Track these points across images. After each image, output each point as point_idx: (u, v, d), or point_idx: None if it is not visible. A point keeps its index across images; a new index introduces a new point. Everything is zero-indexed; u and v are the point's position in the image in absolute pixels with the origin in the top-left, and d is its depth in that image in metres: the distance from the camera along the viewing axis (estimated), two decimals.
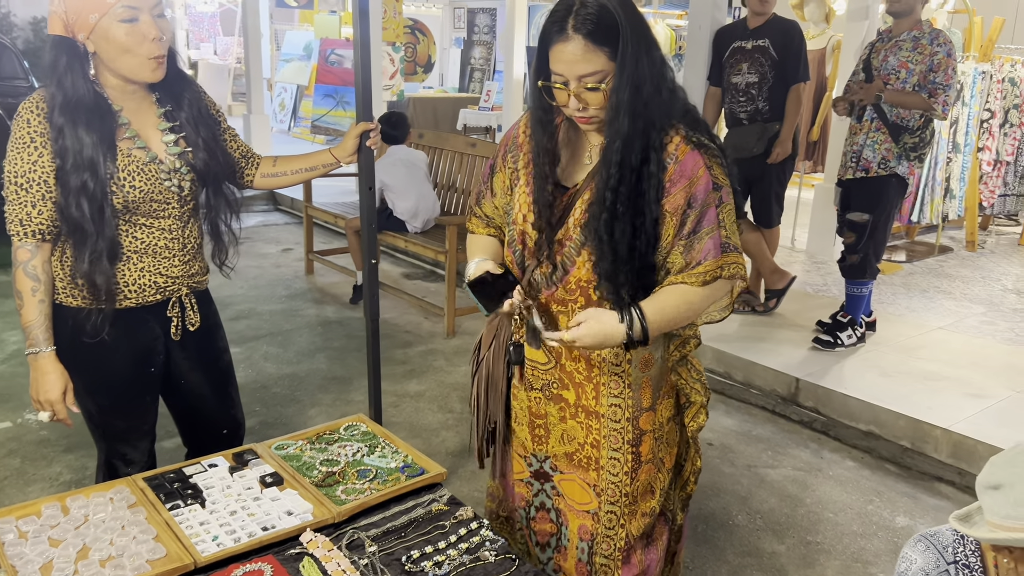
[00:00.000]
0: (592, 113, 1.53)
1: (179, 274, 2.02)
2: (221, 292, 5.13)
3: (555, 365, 1.74)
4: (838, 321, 4.20)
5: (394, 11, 9.57)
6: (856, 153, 3.97)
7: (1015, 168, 6.76)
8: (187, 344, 2.10)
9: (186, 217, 2.01)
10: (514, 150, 1.74)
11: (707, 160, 1.53)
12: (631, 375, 1.68)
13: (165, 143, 1.93)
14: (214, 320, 2.19)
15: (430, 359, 4.24)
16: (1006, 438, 3.25)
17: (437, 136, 5.75)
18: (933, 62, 3.76)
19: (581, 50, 1.45)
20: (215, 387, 2.21)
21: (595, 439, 1.74)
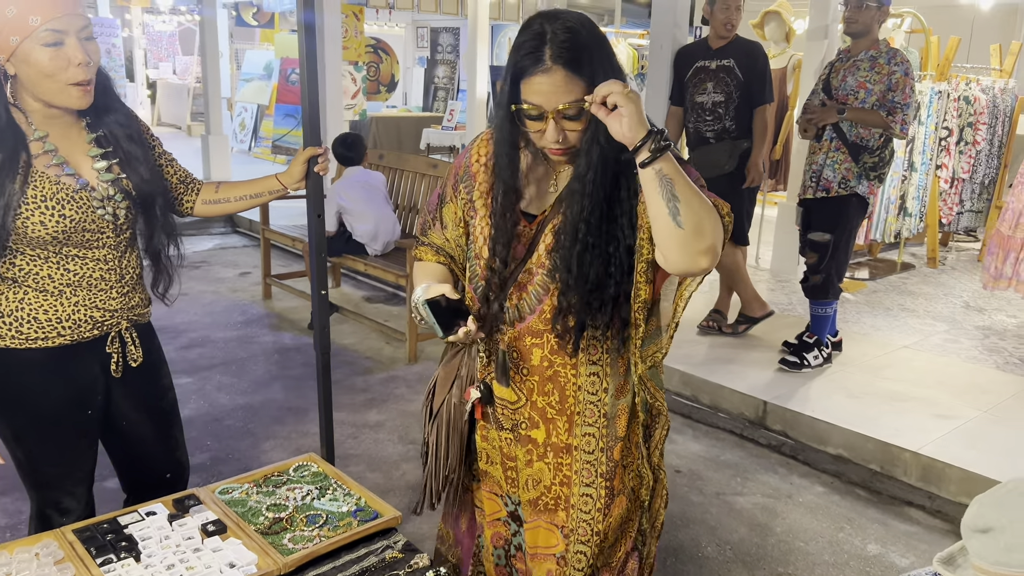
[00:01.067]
0: (570, 144, 1.46)
1: (118, 307, 1.90)
2: (174, 320, 4.97)
3: (525, 403, 1.65)
4: (804, 342, 4.17)
5: (355, 30, 9.49)
6: (816, 173, 3.95)
7: (971, 185, 6.84)
8: (128, 382, 1.97)
9: (123, 247, 1.89)
10: (467, 180, 1.65)
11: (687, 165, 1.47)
12: (607, 404, 1.61)
13: (97, 170, 1.81)
14: (157, 355, 2.07)
15: (391, 387, 4.12)
16: (974, 460, 3.22)
17: (397, 157, 5.66)
18: (891, 81, 3.77)
19: (562, 80, 1.39)
20: (158, 428, 2.08)
21: (565, 476, 1.65)
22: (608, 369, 1.60)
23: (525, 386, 1.63)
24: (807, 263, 4.05)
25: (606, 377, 1.60)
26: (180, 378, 4.13)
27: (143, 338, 1.97)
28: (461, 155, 1.68)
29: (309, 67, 1.98)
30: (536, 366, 1.61)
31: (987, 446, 3.37)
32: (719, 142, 4.39)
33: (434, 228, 1.72)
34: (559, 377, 1.61)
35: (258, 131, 12.05)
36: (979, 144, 6.58)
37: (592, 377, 1.60)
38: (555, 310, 1.53)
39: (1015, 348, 4.66)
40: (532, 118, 1.44)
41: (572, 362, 1.59)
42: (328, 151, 2.06)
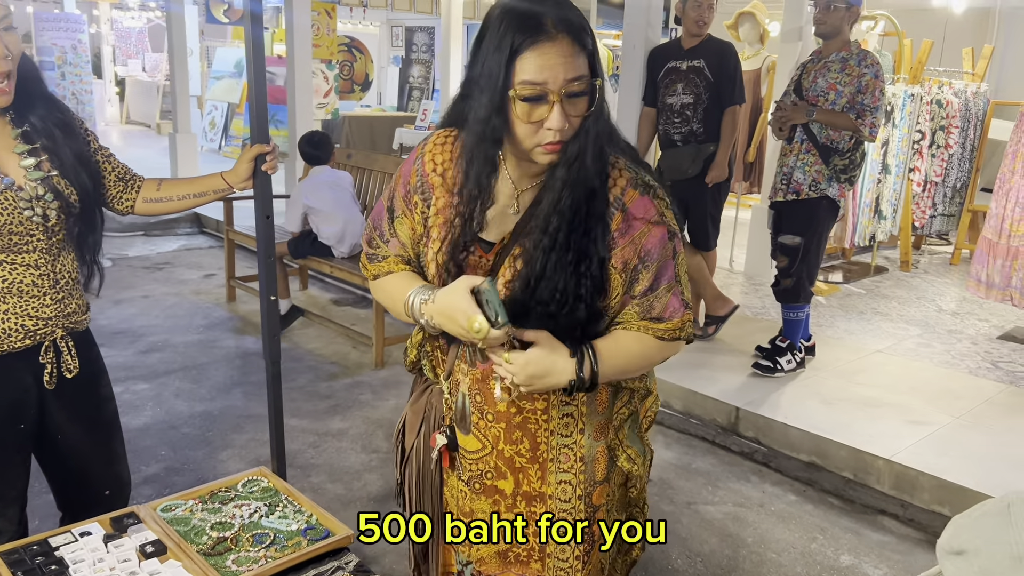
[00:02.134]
0: (566, 137, 1.23)
1: (52, 314, 1.78)
2: (134, 323, 4.82)
3: (491, 451, 1.46)
4: (777, 346, 4.11)
5: (328, 28, 9.34)
6: (787, 175, 3.90)
7: (943, 189, 6.85)
8: (64, 393, 1.85)
9: (55, 250, 1.77)
10: (425, 190, 1.39)
11: (658, 206, 1.31)
12: (584, 447, 1.44)
13: (24, 167, 1.69)
14: (96, 365, 1.95)
15: (356, 392, 4.01)
16: (947, 468, 3.17)
17: (366, 156, 5.54)
18: (861, 83, 3.73)
19: (570, 51, 1.19)
20: (97, 442, 1.96)
21: (538, 526, 1.49)
22: (584, 408, 1.43)
23: (490, 433, 1.45)
24: (778, 267, 4.00)
25: (581, 418, 1.43)
26: (137, 384, 3.99)
27: (80, 347, 1.86)
28: (409, 161, 1.43)
29: (256, 60, 1.87)
30: (502, 412, 1.42)
31: (960, 453, 3.33)
32: (685, 145, 4.33)
33: (388, 245, 1.46)
34: (528, 423, 1.43)
35: (228, 130, 11.86)
36: (952, 148, 6.59)
37: (566, 419, 1.42)
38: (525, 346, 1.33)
39: (987, 352, 4.64)
40: (533, 101, 1.19)
41: (543, 405, 1.41)
42: (276, 149, 1.95)
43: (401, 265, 1.47)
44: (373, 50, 14.11)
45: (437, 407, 1.53)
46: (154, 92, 14.37)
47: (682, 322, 1.36)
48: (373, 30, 14.45)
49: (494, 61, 1.20)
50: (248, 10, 1.94)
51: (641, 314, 1.34)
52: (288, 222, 4.73)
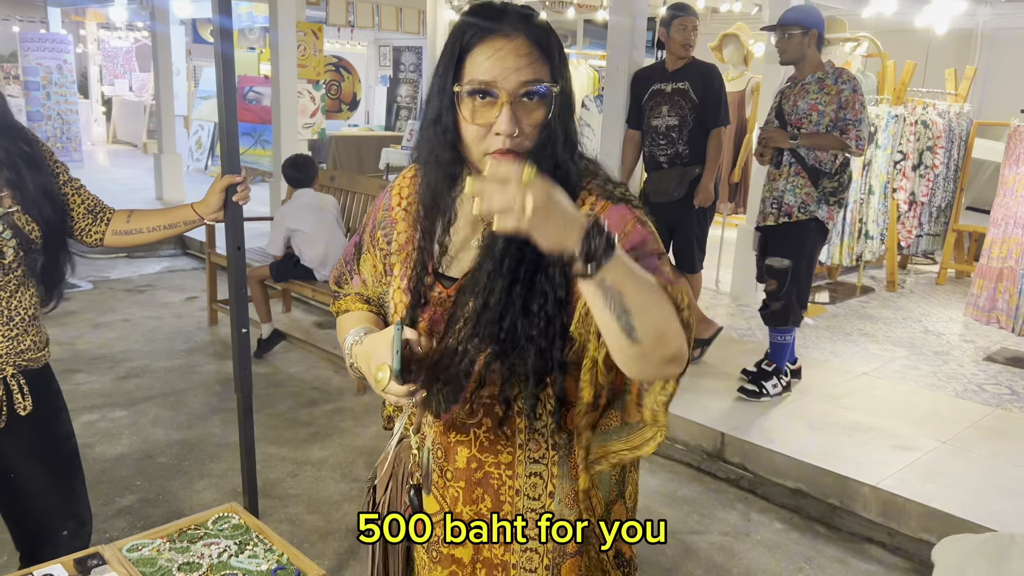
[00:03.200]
0: (519, 145, 1.11)
1: (3, 352, 1.73)
2: (113, 348, 4.75)
3: (445, 515, 1.32)
4: (763, 370, 4.08)
5: (314, 48, 9.33)
6: (777, 199, 3.89)
7: (929, 209, 6.87)
8: (18, 432, 1.79)
9: (12, 286, 1.72)
10: (386, 225, 1.33)
11: (637, 214, 1.17)
12: (553, 512, 1.28)
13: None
14: (54, 402, 1.89)
15: (337, 419, 3.95)
16: (934, 495, 3.14)
17: (349, 178, 5.50)
18: (841, 99, 3.74)
19: (526, 50, 1.10)
20: (54, 481, 1.89)
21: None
22: (555, 470, 1.27)
23: (448, 494, 1.31)
24: (767, 290, 3.97)
25: (551, 480, 1.27)
26: (115, 411, 3.92)
27: (34, 384, 1.80)
28: (381, 196, 1.37)
29: (226, 81, 1.84)
30: (462, 469, 1.28)
31: (947, 479, 3.30)
32: (671, 167, 4.32)
33: (352, 281, 1.42)
34: (491, 479, 1.28)
35: (215, 149, 11.81)
36: (937, 168, 6.61)
37: (533, 479, 1.27)
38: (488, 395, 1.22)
39: (973, 375, 4.62)
40: (480, 96, 1.10)
41: (508, 459, 1.26)
42: (247, 179, 1.91)
43: (359, 304, 1.41)
44: (361, 70, 14.13)
45: (406, 463, 1.41)
46: (141, 112, 14.33)
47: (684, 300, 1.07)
48: (361, 50, 14.48)
49: (445, 58, 1.13)
50: (217, 25, 1.89)
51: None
52: (271, 245, 4.68)
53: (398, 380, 1.11)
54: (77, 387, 4.14)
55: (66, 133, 11.83)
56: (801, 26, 3.79)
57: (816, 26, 3.82)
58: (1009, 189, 4.99)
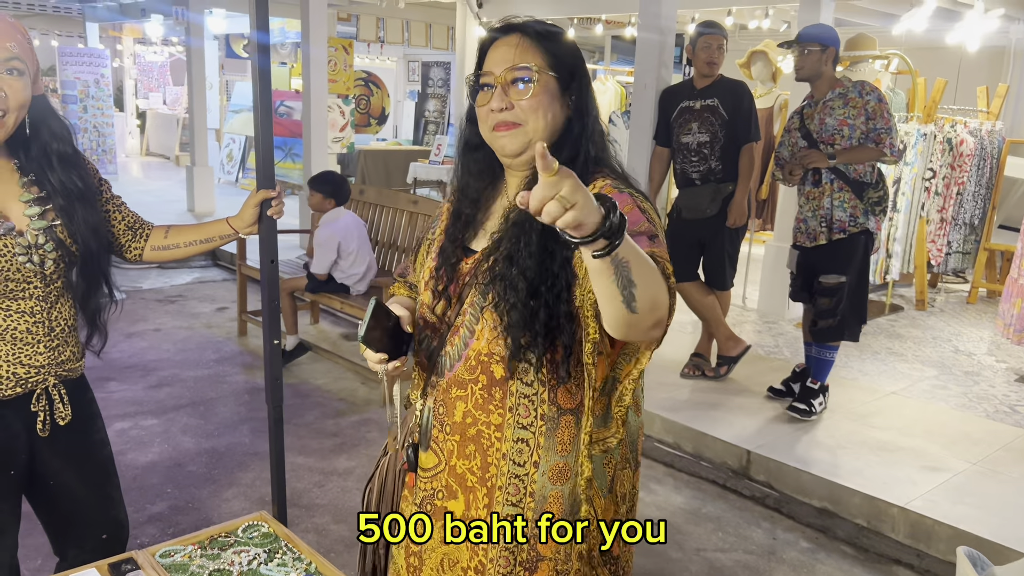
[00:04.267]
0: (512, 118, 1.31)
1: (45, 362, 1.77)
2: (145, 357, 4.84)
3: (443, 467, 1.43)
4: (808, 388, 4.07)
5: (344, 64, 9.47)
6: (824, 217, 3.89)
7: (959, 226, 6.79)
8: (57, 440, 1.84)
9: (53, 298, 1.77)
10: (437, 218, 1.55)
11: (639, 202, 1.28)
12: (536, 481, 1.35)
13: (28, 216, 1.70)
14: (90, 410, 1.93)
15: (363, 430, 3.98)
16: (963, 516, 3.10)
17: (378, 192, 5.57)
18: (868, 111, 3.76)
19: (516, 45, 1.33)
20: (91, 487, 1.94)
21: (480, 563, 1.40)
22: (541, 440, 1.35)
23: (445, 447, 1.42)
24: (820, 308, 3.92)
25: (537, 449, 1.35)
26: (146, 419, 3.99)
27: (73, 394, 1.84)
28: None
29: (263, 97, 1.88)
30: (458, 423, 1.39)
31: (977, 501, 3.25)
32: (704, 184, 4.32)
33: (410, 272, 1.64)
34: (482, 438, 1.38)
35: (245, 162, 11.99)
36: (966, 186, 6.54)
37: (520, 445, 1.35)
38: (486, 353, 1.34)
39: (1005, 395, 4.56)
40: (482, 85, 1.34)
41: (498, 423, 1.35)
42: (282, 194, 1.95)
43: (403, 289, 1.63)
44: (390, 84, 14.28)
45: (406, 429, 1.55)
46: (174, 125, 14.59)
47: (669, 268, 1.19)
48: (390, 65, 14.64)
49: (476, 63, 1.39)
50: (255, 41, 1.94)
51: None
52: (317, 266, 4.69)
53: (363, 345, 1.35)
54: (110, 395, 4.22)
55: (101, 146, 12.08)
56: (820, 43, 3.80)
57: (834, 44, 3.84)
58: None
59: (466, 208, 1.44)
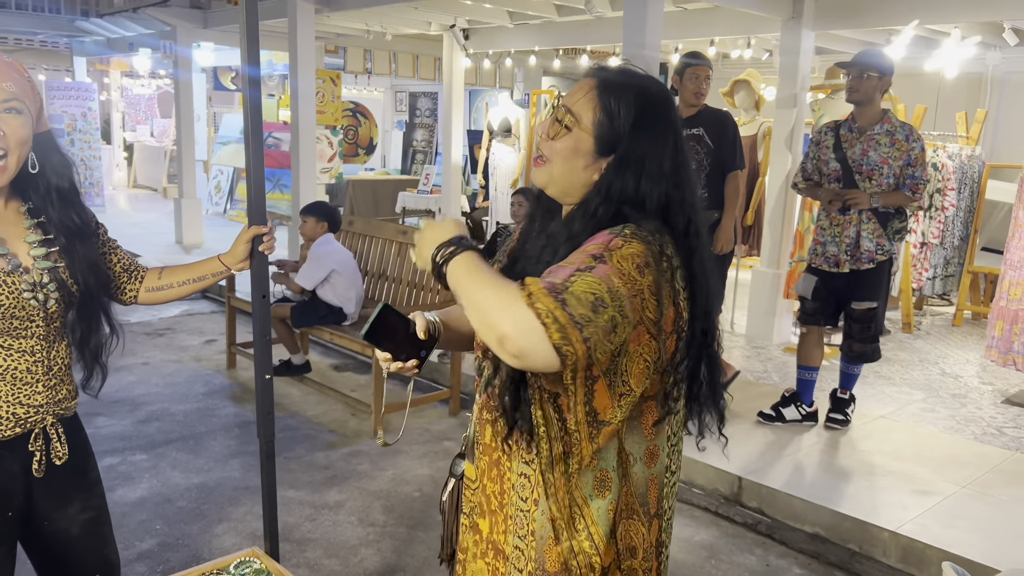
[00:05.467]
0: (544, 151, 1.39)
1: (44, 401, 1.77)
2: (133, 392, 4.81)
3: (479, 484, 1.47)
4: (840, 399, 4.28)
5: (332, 95, 9.54)
6: (851, 246, 3.99)
7: (941, 251, 6.87)
8: (52, 480, 1.83)
9: (52, 337, 1.77)
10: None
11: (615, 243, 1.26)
12: (536, 520, 1.36)
13: (33, 256, 1.72)
14: (84, 449, 1.93)
15: (354, 463, 3.97)
16: (954, 540, 3.12)
17: (367, 223, 5.60)
18: (911, 157, 3.88)
19: (584, 89, 1.38)
20: (85, 527, 1.92)
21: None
22: (539, 478, 1.35)
23: (480, 465, 1.46)
24: (858, 333, 4.09)
25: (536, 487, 1.35)
26: (135, 455, 3.96)
27: (70, 433, 1.84)
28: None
29: (255, 133, 1.91)
30: (487, 445, 1.45)
31: (967, 524, 3.27)
32: None
33: None
34: (501, 465, 1.41)
35: (234, 193, 12.01)
36: (948, 210, 6.63)
37: (522, 479, 1.37)
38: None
39: (992, 417, 4.59)
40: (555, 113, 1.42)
41: (508, 452, 1.39)
42: (273, 229, 1.97)
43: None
44: (377, 114, 14.37)
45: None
46: (161, 157, 14.60)
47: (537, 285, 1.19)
48: (378, 95, 14.75)
49: None
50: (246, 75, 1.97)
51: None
52: (305, 279, 4.69)
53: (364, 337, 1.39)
54: (98, 430, 4.19)
55: (89, 179, 12.07)
56: (879, 71, 3.88)
57: (890, 73, 3.94)
58: (1022, 231, 5.01)
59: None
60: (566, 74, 11.95)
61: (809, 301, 4.15)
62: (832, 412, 4.28)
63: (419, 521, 3.40)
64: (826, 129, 4.12)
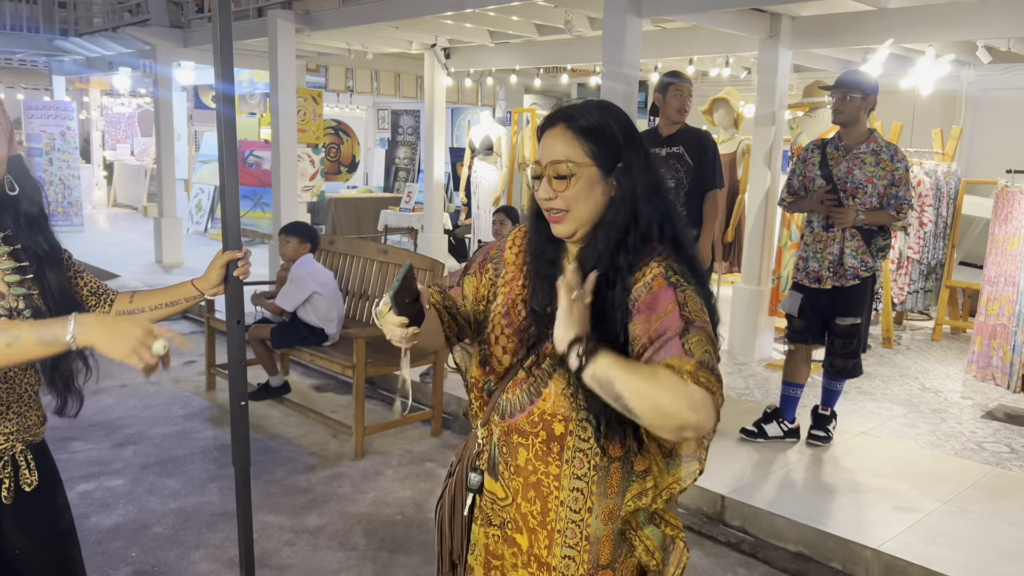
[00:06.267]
0: (559, 206, 1.45)
1: (14, 429, 1.73)
2: (110, 415, 4.75)
3: (512, 503, 1.56)
4: (821, 415, 4.30)
5: (314, 113, 9.52)
6: (834, 262, 4.01)
7: (920, 266, 6.93)
8: (20, 509, 1.78)
9: (24, 364, 1.74)
10: (497, 262, 1.65)
11: (683, 297, 1.39)
12: (591, 525, 1.49)
13: (8, 283, 1.69)
14: (53, 475, 1.89)
15: (335, 485, 3.92)
16: (936, 557, 3.12)
17: (348, 242, 5.57)
18: (895, 177, 3.91)
19: (560, 138, 1.44)
20: (54, 555, 1.88)
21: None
22: (594, 488, 1.48)
23: (511, 485, 1.55)
24: (841, 352, 4.11)
25: (591, 496, 1.48)
26: (111, 480, 3.90)
27: (39, 459, 1.81)
28: (498, 240, 1.70)
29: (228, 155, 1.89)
30: (521, 467, 1.53)
31: (949, 541, 3.27)
32: None
33: (453, 289, 1.69)
34: (542, 486, 1.51)
35: (214, 212, 11.94)
36: (926, 225, 6.70)
37: (575, 493, 1.49)
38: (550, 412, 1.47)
39: (972, 432, 4.62)
40: (535, 177, 1.47)
41: (556, 473, 1.49)
42: (248, 255, 1.95)
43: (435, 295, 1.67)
44: (360, 132, 14.37)
45: (471, 448, 1.66)
46: (142, 176, 14.51)
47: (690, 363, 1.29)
48: (360, 113, 14.74)
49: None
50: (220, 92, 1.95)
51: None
52: (286, 300, 4.64)
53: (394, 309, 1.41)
54: (73, 455, 4.12)
55: (67, 198, 11.97)
56: (862, 91, 3.91)
57: (874, 92, 3.97)
58: (999, 247, 5.06)
59: (545, 269, 1.52)
60: (547, 92, 12.01)
61: (796, 319, 4.16)
62: (814, 429, 4.30)
63: (400, 545, 3.36)
64: (812, 146, 4.16)
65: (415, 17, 6.44)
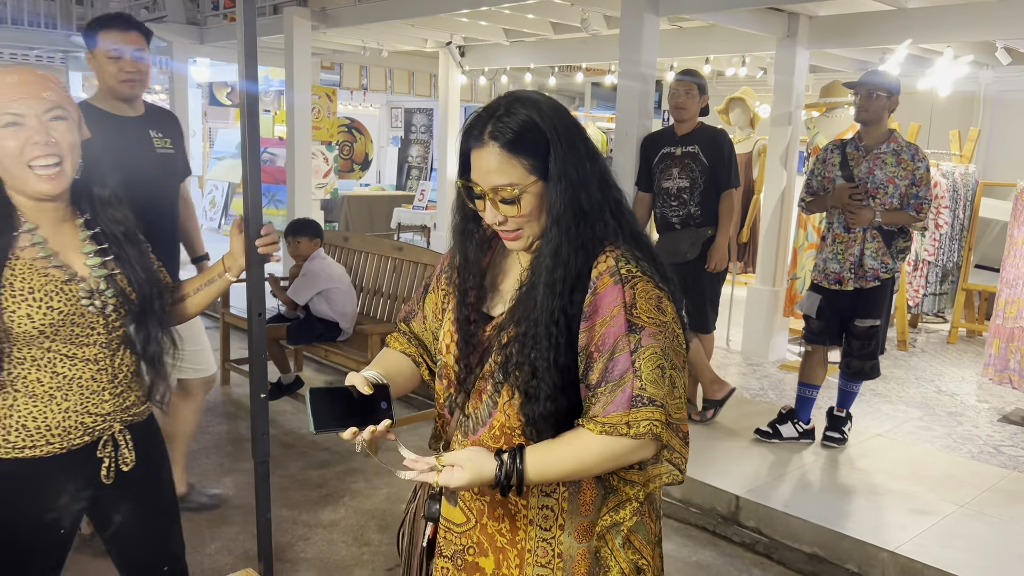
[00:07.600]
0: (511, 227, 1.37)
1: (111, 409, 1.78)
2: None
3: (474, 525, 1.46)
4: (837, 417, 4.28)
5: (328, 111, 9.55)
6: (854, 263, 3.99)
7: (936, 268, 6.89)
8: (121, 486, 1.84)
9: (115, 345, 1.79)
10: (449, 271, 1.55)
11: (631, 296, 1.32)
12: (563, 543, 1.42)
13: (89, 266, 1.74)
14: (157, 452, 1.95)
15: (349, 481, 3.93)
16: (953, 560, 3.10)
17: (362, 239, 5.58)
18: (915, 177, 3.88)
19: (496, 159, 1.33)
20: (155, 528, 1.95)
21: None
22: (565, 505, 1.41)
23: (475, 506, 1.46)
24: (858, 350, 4.09)
25: (562, 513, 1.42)
26: None
27: (139, 439, 1.85)
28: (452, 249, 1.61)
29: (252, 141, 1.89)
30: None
31: (966, 544, 3.25)
32: (684, 228, 4.38)
33: (416, 317, 1.63)
34: (509, 504, 1.43)
35: (228, 208, 11.99)
36: (942, 227, 6.65)
37: (544, 511, 1.42)
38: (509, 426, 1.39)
39: (988, 436, 4.58)
40: (475, 196, 1.39)
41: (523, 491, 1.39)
42: (272, 226, 1.97)
43: (401, 344, 1.62)
44: (373, 130, 14.38)
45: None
46: None
47: (624, 419, 1.28)
48: (373, 111, 14.77)
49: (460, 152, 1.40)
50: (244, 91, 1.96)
51: (585, 409, 1.35)
52: (298, 294, 4.66)
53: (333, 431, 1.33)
54: None
55: None
56: (887, 90, 3.90)
57: (897, 92, 3.96)
58: (1018, 249, 5.02)
59: (472, 284, 1.46)
60: (562, 91, 12.00)
61: (814, 320, 4.14)
62: (829, 430, 4.28)
63: None
64: (832, 147, 4.14)
65: (431, 15, 6.44)
